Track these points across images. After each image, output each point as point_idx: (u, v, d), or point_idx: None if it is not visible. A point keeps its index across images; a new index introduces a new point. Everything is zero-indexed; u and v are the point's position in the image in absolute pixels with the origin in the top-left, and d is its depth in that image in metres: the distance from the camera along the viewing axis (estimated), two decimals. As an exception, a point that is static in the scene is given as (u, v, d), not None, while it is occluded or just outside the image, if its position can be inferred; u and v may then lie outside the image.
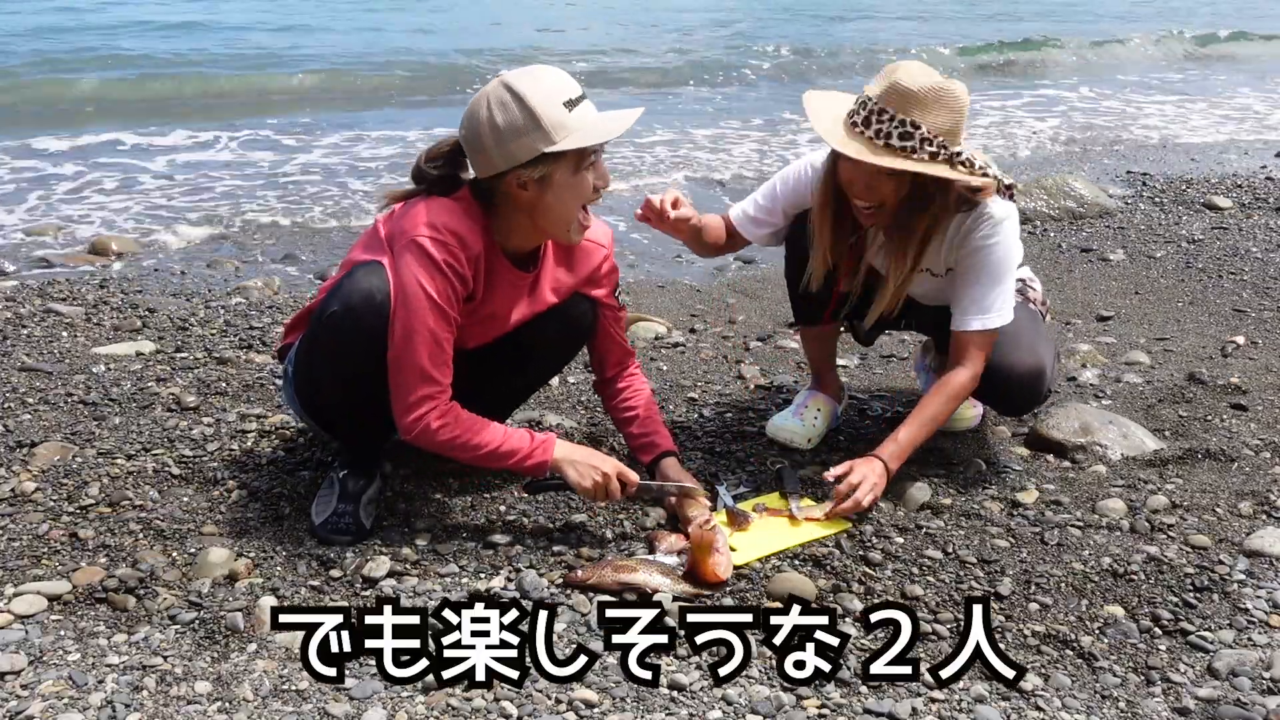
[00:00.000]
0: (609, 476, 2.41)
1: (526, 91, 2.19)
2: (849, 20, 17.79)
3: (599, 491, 2.42)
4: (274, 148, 7.81)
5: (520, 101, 2.18)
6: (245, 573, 2.27)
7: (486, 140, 2.22)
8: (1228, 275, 5.09)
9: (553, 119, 2.19)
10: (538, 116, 2.18)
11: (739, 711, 1.90)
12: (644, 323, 4.24)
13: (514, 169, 2.23)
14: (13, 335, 3.77)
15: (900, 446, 2.59)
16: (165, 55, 11.23)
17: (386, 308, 2.25)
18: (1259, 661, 2.08)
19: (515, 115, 2.18)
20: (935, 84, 2.41)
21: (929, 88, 2.40)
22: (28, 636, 2.04)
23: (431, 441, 2.33)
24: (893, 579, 2.33)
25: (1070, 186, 6.50)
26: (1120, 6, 21.04)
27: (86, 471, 2.67)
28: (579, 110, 2.23)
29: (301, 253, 5.39)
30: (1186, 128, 9.70)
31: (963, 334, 2.63)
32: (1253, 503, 2.71)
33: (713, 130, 8.88)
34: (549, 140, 2.20)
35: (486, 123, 2.21)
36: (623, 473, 2.44)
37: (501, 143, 2.21)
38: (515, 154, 2.21)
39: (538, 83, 2.21)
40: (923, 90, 2.39)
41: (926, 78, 2.42)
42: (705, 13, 18.24)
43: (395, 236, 2.29)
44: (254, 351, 3.71)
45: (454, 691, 1.90)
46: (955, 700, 1.94)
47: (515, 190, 2.28)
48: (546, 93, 2.20)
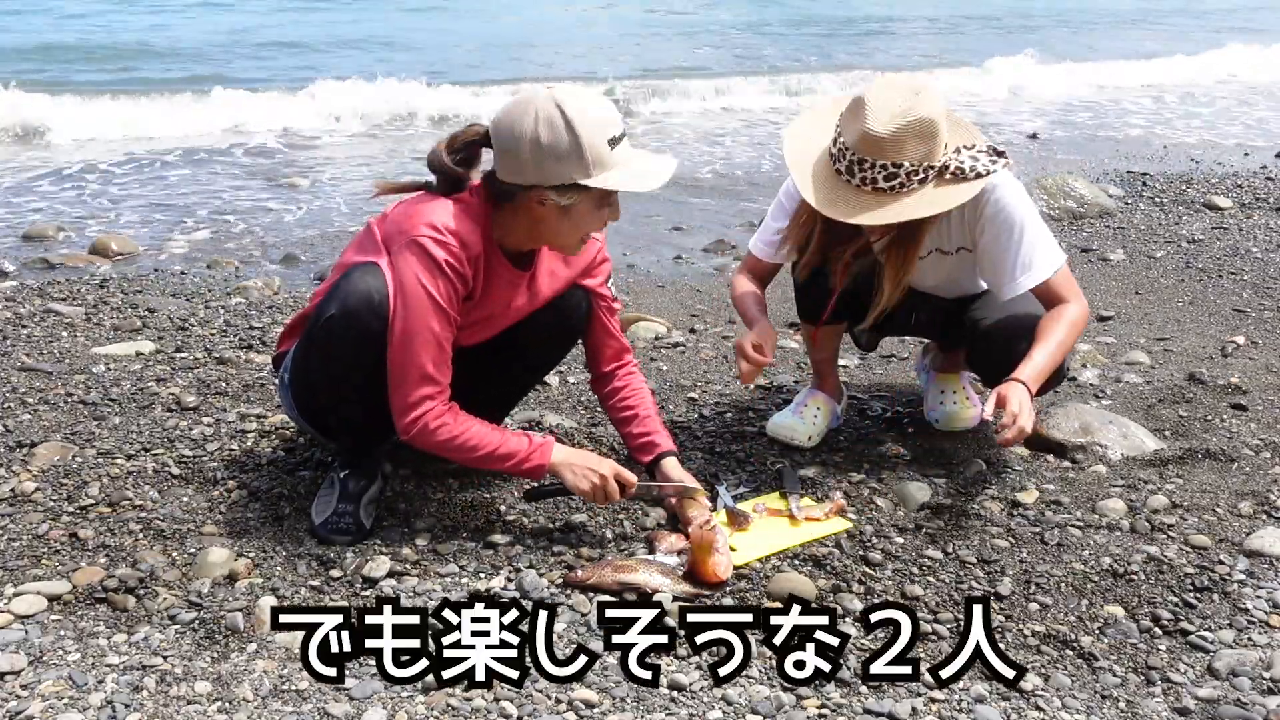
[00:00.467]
0: (606, 479, 2.41)
1: (576, 118, 2.18)
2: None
3: (597, 494, 2.42)
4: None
5: (569, 126, 2.17)
6: (245, 573, 2.27)
7: (524, 152, 2.21)
8: (1228, 275, 5.09)
9: (596, 153, 2.19)
10: (582, 147, 2.18)
11: (739, 711, 1.90)
12: (644, 323, 4.24)
13: (542, 187, 2.24)
14: (13, 335, 3.77)
15: (1038, 368, 2.53)
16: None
17: (385, 309, 2.25)
18: (1259, 661, 2.08)
19: (561, 138, 2.17)
20: (901, 123, 2.40)
21: (896, 130, 2.40)
22: (28, 636, 2.04)
23: (429, 442, 2.34)
24: (893, 579, 2.33)
25: (1070, 186, 6.50)
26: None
27: (86, 471, 2.67)
28: (620, 149, 2.24)
29: (301, 253, 5.40)
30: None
31: (1037, 293, 2.63)
32: (1253, 503, 2.71)
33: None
34: (586, 173, 2.20)
35: (529, 135, 2.19)
36: (620, 474, 2.44)
37: (540, 160, 2.20)
38: (550, 175, 2.21)
39: (586, 112, 2.20)
40: (892, 135, 2.40)
41: (892, 116, 2.40)
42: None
43: (393, 236, 2.29)
44: (254, 351, 3.71)
45: (454, 691, 1.89)
46: (955, 700, 1.94)
47: (534, 204, 2.28)
48: (595, 124, 2.20)
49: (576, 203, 2.26)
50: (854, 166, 2.44)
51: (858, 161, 2.43)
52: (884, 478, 2.81)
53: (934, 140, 2.44)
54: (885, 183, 2.43)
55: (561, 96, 2.21)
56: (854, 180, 2.45)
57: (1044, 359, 2.54)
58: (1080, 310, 2.63)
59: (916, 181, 2.44)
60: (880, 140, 2.40)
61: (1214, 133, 9.54)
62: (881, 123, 2.40)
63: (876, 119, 2.40)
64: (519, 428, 3.05)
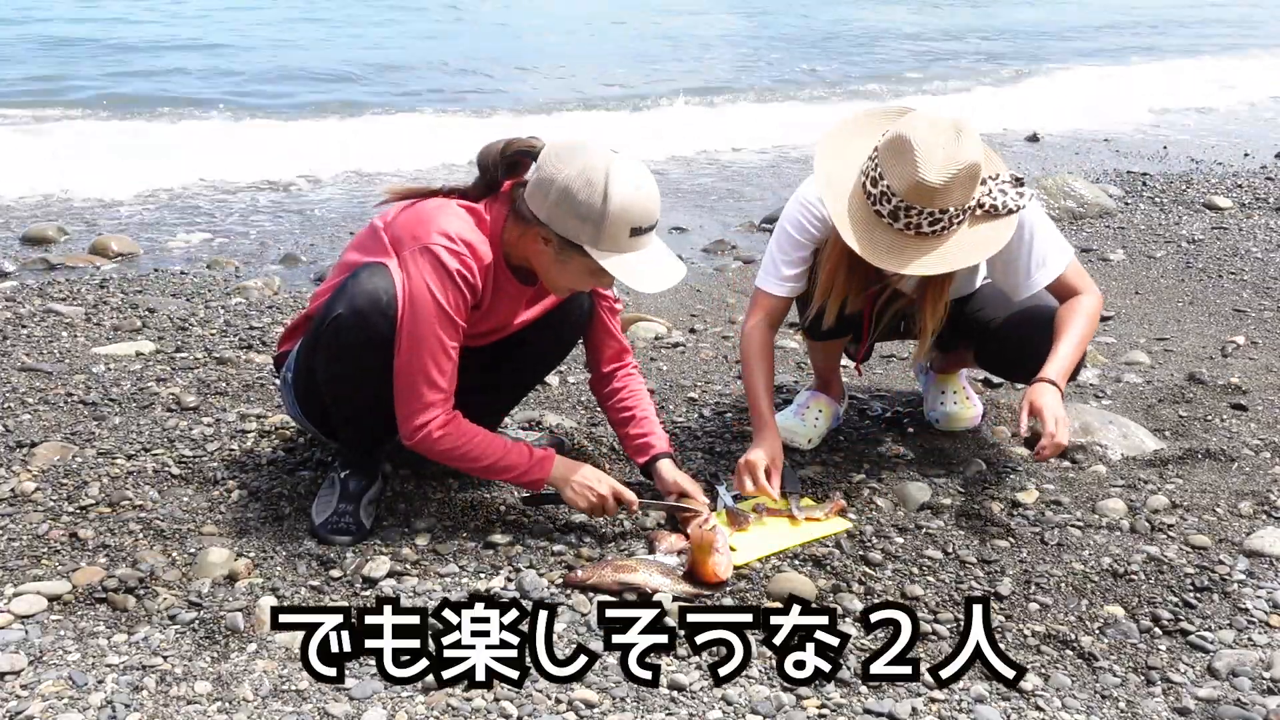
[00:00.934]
0: (605, 498, 2.42)
1: (614, 193, 2.18)
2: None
3: (594, 511, 2.45)
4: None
5: (604, 197, 2.18)
6: (245, 573, 2.27)
7: (552, 193, 2.22)
8: (1228, 275, 5.09)
9: (613, 232, 2.21)
10: (603, 222, 2.19)
11: (739, 711, 1.90)
12: (644, 323, 4.24)
13: (551, 229, 2.25)
14: (13, 335, 3.77)
15: (1064, 365, 2.56)
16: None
17: (392, 309, 2.25)
18: (1259, 661, 2.08)
19: (590, 201, 2.19)
20: (954, 171, 2.34)
21: (949, 179, 2.34)
22: (28, 636, 2.04)
23: (432, 450, 2.35)
24: (893, 579, 2.33)
25: (1070, 186, 6.50)
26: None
27: (86, 471, 2.67)
28: (640, 239, 2.25)
29: (302, 253, 5.39)
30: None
31: (1051, 288, 2.65)
32: (1253, 503, 2.71)
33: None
34: (595, 245, 2.22)
35: (563, 181, 2.20)
36: (619, 492, 2.44)
37: (560, 207, 2.21)
38: (562, 226, 2.23)
39: (626, 194, 2.20)
40: (945, 184, 2.34)
41: (944, 164, 2.33)
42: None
43: (404, 240, 2.28)
44: (254, 351, 3.71)
45: (454, 691, 1.89)
46: (955, 700, 1.94)
47: (539, 237, 2.29)
48: (626, 208, 2.20)
49: (575, 258, 2.27)
50: (899, 212, 2.39)
51: (904, 209, 2.38)
52: (884, 478, 2.81)
53: (977, 182, 2.43)
54: (930, 227, 2.40)
55: (617, 166, 2.20)
56: (897, 224, 2.41)
57: (1069, 353, 2.56)
58: (1095, 301, 2.66)
59: (957, 223, 2.43)
60: (934, 190, 2.34)
61: (1215, 134, 9.53)
62: (934, 171, 2.33)
63: (929, 167, 2.33)
64: (519, 428, 3.05)
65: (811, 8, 20.17)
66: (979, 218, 2.48)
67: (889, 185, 2.38)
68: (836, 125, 2.66)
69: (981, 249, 2.48)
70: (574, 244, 2.24)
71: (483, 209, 2.34)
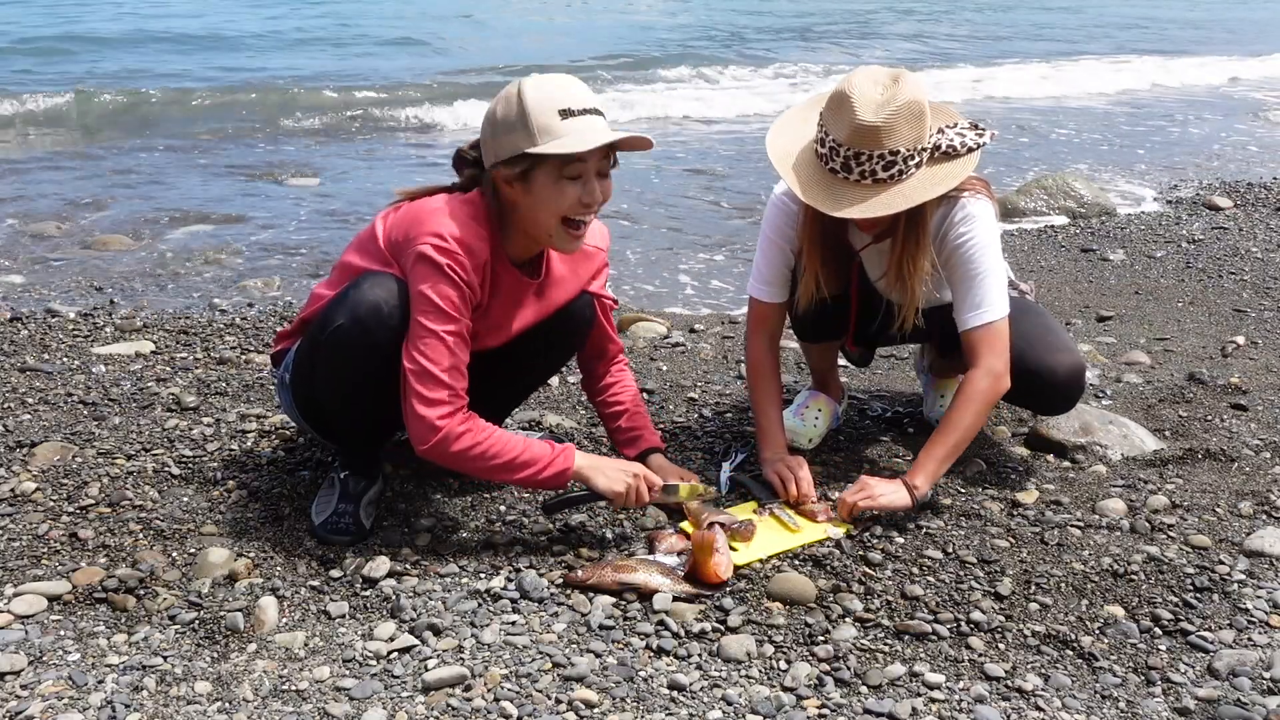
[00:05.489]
0: (639, 478, 2.40)
1: (528, 93, 2.22)
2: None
3: (630, 495, 2.39)
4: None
5: (520, 100, 2.21)
6: (245, 573, 2.27)
7: (485, 130, 2.29)
8: (1228, 275, 5.10)
9: (540, 123, 2.20)
10: (527, 117, 2.20)
11: (739, 711, 1.90)
12: (644, 323, 4.24)
13: (500, 164, 2.26)
14: (13, 335, 3.77)
15: (934, 471, 2.53)
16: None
17: (394, 319, 2.24)
18: (1259, 661, 2.08)
19: (511, 112, 2.22)
20: (891, 109, 2.35)
21: (888, 117, 2.35)
22: (28, 636, 2.04)
23: (446, 452, 2.27)
24: (893, 579, 2.33)
25: (1070, 186, 6.50)
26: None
27: (86, 471, 2.67)
28: (576, 121, 2.22)
29: (302, 254, 5.40)
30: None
31: (967, 334, 2.59)
32: (1253, 503, 2.71)
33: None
34: (531, 141, 2.21)
35: (489, 114, 2.28)
36: (646, 475, 2.43)
37: (495, 135, 2.26)
38: (502, 148, 2.25)
39: (541, 88, 2.23)
40: (885, 122, 2.35)
41: (880, 105, 2.36)
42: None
43: (399, 244, 2.28)
44: (254, 351, 3.71)
45: (454, 691, 1.90)
46: (955, 700, 1.94)
47: (503, 187, 2.29)
48: (545, 98, 2.21)
49: (532, 174, 2.25)
50: (850, 162, 2.41)
51: (854, 156, 2.39)
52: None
53: (923, 121, 2.41)
54: (884, 172, 2.40)
55: (526, 78, 2.26)
56: (851, 176, 2.42)
57: (945, 456, 2.53)
58: (985, 374, 2.54)
59: (913, 166, 2.42)
60: (875, 129, 2.36)
61: (1216, 135, 9.53)
62: (871, 111, 2.36)
63: (866, 109, 2.36)
64: (519, 428, 3.05)
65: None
66: (938, 159, 2.47)
67: (834, 138, 2.41)
68: (785, 112, 2.71)
69: (944, 183, 2.45)
70: (519, 157, 2.23)
71: (476, 196, 2.36)
